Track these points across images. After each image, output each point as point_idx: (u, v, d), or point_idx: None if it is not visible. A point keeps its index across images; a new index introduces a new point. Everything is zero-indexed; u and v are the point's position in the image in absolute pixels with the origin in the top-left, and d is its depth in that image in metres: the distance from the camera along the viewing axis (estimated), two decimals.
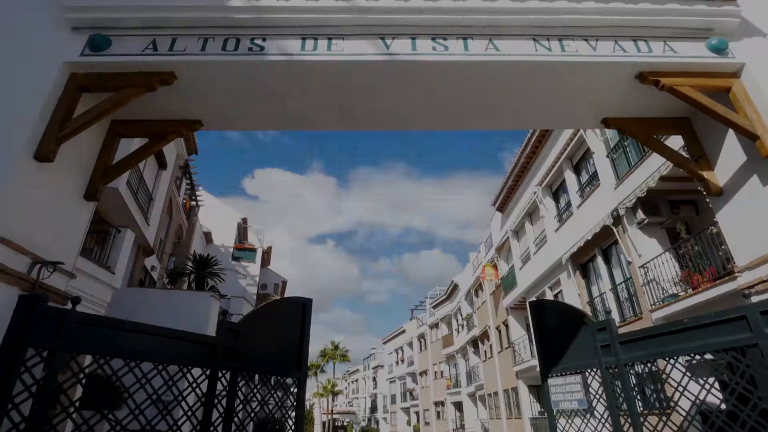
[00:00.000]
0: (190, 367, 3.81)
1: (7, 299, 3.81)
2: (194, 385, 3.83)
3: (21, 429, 2.81)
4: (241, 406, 4.11)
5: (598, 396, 4.55)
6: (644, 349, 4.07)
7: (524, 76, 4.87)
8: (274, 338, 4.64)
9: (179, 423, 3.69)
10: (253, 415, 4.24)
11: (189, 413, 3.75)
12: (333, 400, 54.53)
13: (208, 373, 3.96)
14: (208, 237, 24.20)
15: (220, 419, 3.89)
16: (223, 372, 4.03)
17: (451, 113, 5.43)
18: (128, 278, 12.56)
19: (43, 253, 4.32)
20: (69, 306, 3.43)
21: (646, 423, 3.99)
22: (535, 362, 17.39)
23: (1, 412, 2.80)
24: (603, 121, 5.45)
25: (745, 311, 3.29)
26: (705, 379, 3.58)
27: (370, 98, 5.13)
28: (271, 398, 4.41)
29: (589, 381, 4.71)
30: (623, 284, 11.82)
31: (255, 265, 25.63)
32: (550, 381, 5.19)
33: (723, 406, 3.66)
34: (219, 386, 4.01)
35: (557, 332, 5.15)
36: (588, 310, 13.36)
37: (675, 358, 3.79)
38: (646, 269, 9.98)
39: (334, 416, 56.56)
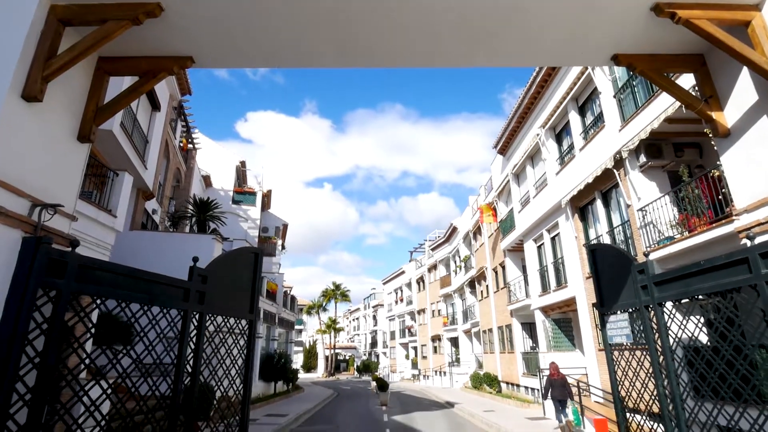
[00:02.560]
0: (168, 308, 4.10)
1: (10, 242, 3.85)
2: (172, 324, 4.18)
3: (35, 363, 2.97)
4: (207, 343, 4.59)
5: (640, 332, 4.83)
6: (673, 289, 4.27)
7: (533, 6, 4.58)
8: (233, 283, 5.04)
9: (161, 357, 4.09)
10: (216, 350, 4.79)
11: (168, 349, 4.14)
12: (335, 337, 57.27)
13: (182, 314, 4.29)
14: (207, 180, 24.11)
15: (192, 355, 4.33)
16: (194, 313, 4.36)
17: (453, 48, 5.17)
18: (130, 222, 12.68)
19: (41, 195, 4.31)
20: (69, 249, 3.48)
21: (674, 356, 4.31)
22: (529, 301, 18.04)
23: (19, 349, 2.93)
24: (613, 58, 5.21)
25: (747, 253, 3.38)
26: (716, 317, 3.77)
27: (367, 31, 4.86)
28: (230, 336, 4.96)
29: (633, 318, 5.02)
30: (620, 227, 11.95)
31: (255, 209, 25.78)
32: (606, 318, 5.48)
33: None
34: (191, 326, 4.38)
35: (610, 273, 5.37)
36: (584, 253, 13.63)
37: (696, 297, 4.00)
38: (644, 212, 10.04)
39: (337, 351, 59.73)
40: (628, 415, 5.07)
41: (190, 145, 20.53)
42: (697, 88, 5.55)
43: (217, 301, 4.69)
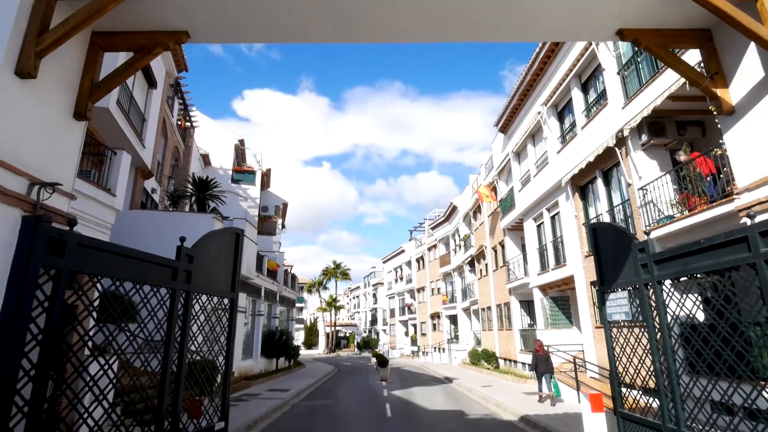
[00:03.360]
0: (158, 287, 4.14)
1: (10, 220, 3.85)
2: (161, 303, 4.23)
3: (39, 340, 3.01)
4: (194, 321, 4.65)
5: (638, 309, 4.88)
6: (673, 267, 4.29)
7: None
8: (217, 263, 5.10)
9: (152, 335, 4.16)
10: (201, 328, 4.87)
11: (158, 327, 4.22)
12: (335, 314, 58.00)
13: (170, 293, 4.34)
14: (206, 159, 23.96)
15: (179, 332, 4.39)
16: (181, 292, 4.42)
17: (455, 22, 5.05)
18: (129, 201, 12.66)
19: (39, 174, 4.28)
20: (67, 228, 3.48)
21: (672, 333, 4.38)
22: (528, 280, 18.19)
23: (24, 327, 2.96)
24: (618, 33, 5.10)
25: (747, 232, 3.37)
26: (714, 295, 3.79)
27: (366, 5, 4.74)
28: (214, 314, 5.04)
29: (632, 296, 5.06)
30: (620, 206, 11.95)
31: (255, 188, 25.70)
32: (606, 296, 5.54)
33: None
34: (178, 305, 4.42)
35: (611, 252, 5.39)
36: (583, 232, 13.67)
37: (695, 275, 4.02)
38: (644, 191, 10.02)
39: (337, 328, 60.59)
40: (624, 390, 5.18)
41: (187, 124, 20.32)
42: (702, 64, 5.46)
43: (202, 281, 4.75)
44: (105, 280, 3.68)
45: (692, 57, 7.82)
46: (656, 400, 4.52)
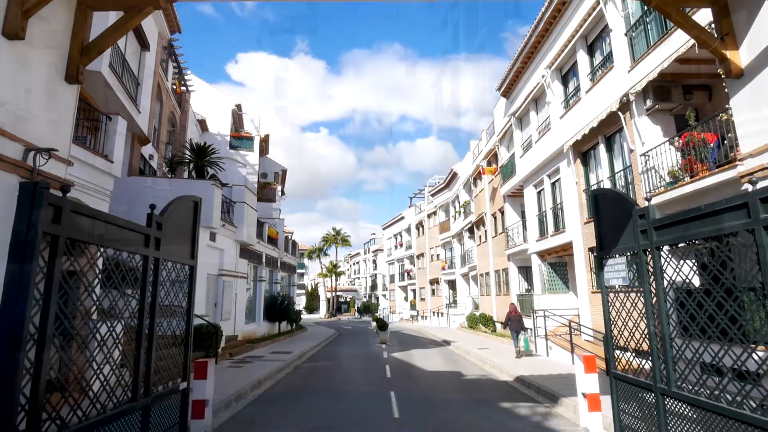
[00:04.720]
0: (134, 254, 4.20)
1: (7, 187, 3.82)
2: (137, 268, 4.29)
3: (41, 305, 3.06)
4: (162, 287, 4.73)
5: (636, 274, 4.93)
6: (672, 233, 4.30)
7: None
8: (178, 231, 5.17)
9: (129, 300, 4.25)
10: (168, 293, 4.88)
11: (136, 292, 4.31)
12: (336, 280, 58.89)
13: (143, 259, 4.40)
14: (202, 125, 23.58)
15: (150, 298, 4.49)
16: (152, 259, 4.50)
17: None
18: (128, 167, 12.56)
19: (34, 140, 4.22)
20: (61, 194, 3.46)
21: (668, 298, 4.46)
22: (526, 246, 18.33)
23: (29, 292, 2.99)
24: None
25: (747, 198, 3.35)
26: (711, 261, 3.81)
27: None
28: (177, 280, 5.13)
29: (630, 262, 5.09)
30: (622, 172, 11.87)
31: (253, 154, 25.44)
32: (604, 261, 5.58)
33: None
34: (149, 271, 4.48)
35: (611, 218, 5.39)
36: (583, 198, 13.66)
37: (694, 241, 4.04)
38: (647, 157, 9.93)
39: (338, 293, 61.69)
40: (617, 352, 5.32)
41: (183, 88, 19.87)
42: (713, 25, 5.28)
43: (168, 248, 4.82)
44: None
45: (703, 17, 7.55)
46: (648, 361, 4.65)
